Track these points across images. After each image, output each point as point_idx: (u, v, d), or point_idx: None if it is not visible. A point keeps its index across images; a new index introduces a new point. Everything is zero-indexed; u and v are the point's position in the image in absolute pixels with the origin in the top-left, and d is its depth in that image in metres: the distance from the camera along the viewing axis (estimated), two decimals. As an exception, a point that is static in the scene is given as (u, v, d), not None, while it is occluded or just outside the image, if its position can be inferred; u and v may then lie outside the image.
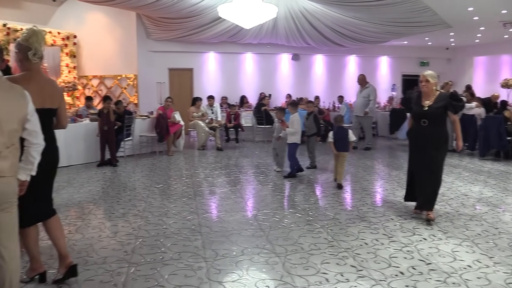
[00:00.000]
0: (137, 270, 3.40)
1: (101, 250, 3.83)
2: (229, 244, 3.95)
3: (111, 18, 12.17)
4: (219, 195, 5.90)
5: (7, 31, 10.51)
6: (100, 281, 3.22)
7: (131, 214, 4.93)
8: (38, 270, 3.18)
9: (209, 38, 12.30)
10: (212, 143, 10.83)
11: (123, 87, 12.27)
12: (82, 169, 7.83)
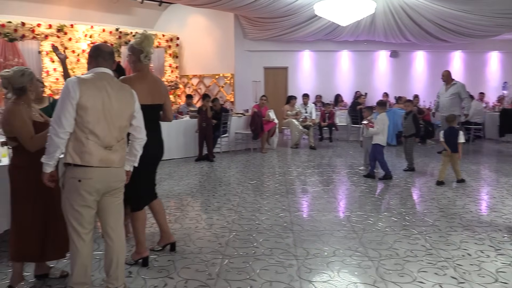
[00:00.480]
0: (230, 263, 3.51)
1: (197, 240, 4.03)
2: (321, 244, 3.92)
3: (210, 20, 12.71)
4: (311, 194, 5.87)
5: (119, 34, 11.50)
6: (196, 270, 3.39)
7: (226, 208, 5.11)
8: (142, 254, 3.45)
9: (304, 37, 12.28)
10: (305, 142, 10.81)
11: (220, 86, 12.75)
12: (182, 163, 8.30)
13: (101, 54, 2.76)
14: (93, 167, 2.58)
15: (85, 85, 2.56)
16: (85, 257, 2.72)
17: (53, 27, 10.37)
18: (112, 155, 2.67)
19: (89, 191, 2.60)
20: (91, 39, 10.94)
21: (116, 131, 2.69)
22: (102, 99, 2.61)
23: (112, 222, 2.81)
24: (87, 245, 2.72)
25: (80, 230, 2.66)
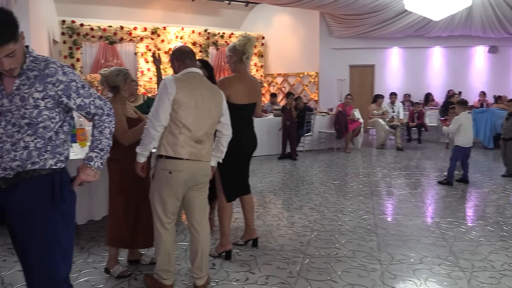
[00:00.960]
0: (311, 262, 3.49)
1: (279, 238, 4.06)
2: (407, 249, 3.74)
3: (295, 19, 12.71)
4: (397, 197, 5.63)
5: (207, 35, 11.95)
6: (277, 267, 3.41)
7: (308, 207, 5.09)
8: (226, 247, 3.56)
9: (393, 33, 11.80)
10: (391, 143, 10.40)
11: (304, 84, 12.71)
12: (265, 160, 8.41)
13: (187, 56, 2.91)
14: (184, 159, 2.73)
15: (180, 83, 2.74)
16: (168, 245, 2.88)
17: (148, 29, 11.06)
18: (201, 149, 2.81)
19: (178, 182, 2.75)
20: (181, 40, 11.50)
21: (207, 126, 2.84)
22: (195, 96, 2.76)
23: (197, 216, 2.95)
24: (170, 233, 2.89)
25: (164, 219, 2.84)
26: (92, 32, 10.37)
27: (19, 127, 1.87)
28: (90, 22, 10.39)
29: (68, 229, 2.01)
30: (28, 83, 1.88)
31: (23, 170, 1.88)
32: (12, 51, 1.78)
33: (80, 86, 1.97)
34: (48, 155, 1.93)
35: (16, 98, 1.87)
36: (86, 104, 1.99)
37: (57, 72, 1.90)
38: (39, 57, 1.94)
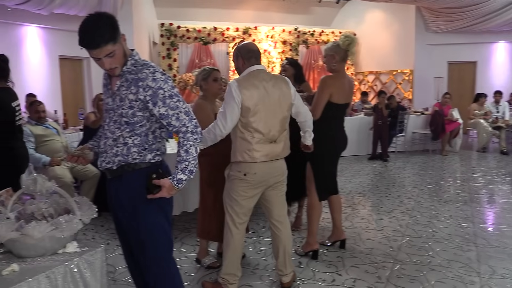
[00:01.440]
0: (402, 269, 3.33)
1: (367, 241, 3.94)
2: (511, 263, 3.42)
3: (389, 14, 12.20)
4: (501, 205, 5.17)
5: (298, 34, 11.94)
6: (365, 270, 3.31)
7: (399, 211, 4.86)
8: (312, 247, 3.54)
9: (498, 26, 10.80)
10: (495, 146, 9.55)
11: (398, 83, 12.17)
12: (354, 160, 8.21)
13: (253, 55, 2.88)
14: (258, 162, 2.74)
15: (244, 86, 2.73)
16: (236, 245, 2.88)
17: (240, 30, 11.35)
18: (276, 147, 2.81)
19: (253, 184, 2.77)
20: (272, 39, 11.63)
21: (279, 124, 2.81)
22: (261, 96, 2.74)
23: (277, 214, 2.96)
24: (240, 233, 2.89)
25: (236, 219, 2.86)
26: (188, 33, 10.88)
27: (119, 124, 2.01)
28: (186, 24, 10.92)
29: (167, 215, 2.12)
30: (126, 84, 1.99)
31: (125, 163, 2.00)
32: (111, 52, 1.90)
33: (167, 96, 1.95)
34: (146, 152, 2.03)
35: (117, 98, 2.01)
36: (169, 115, 1.95)
37: (147, 77, 1.93)
38: (139, 61, 2.02)
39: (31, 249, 1.56)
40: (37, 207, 1.68)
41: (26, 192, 1.71)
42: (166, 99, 1.94)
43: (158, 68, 2.01)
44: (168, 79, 1.99)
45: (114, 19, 1.94)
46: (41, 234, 1.54)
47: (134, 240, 2.07)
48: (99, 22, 1.90)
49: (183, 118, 1.96)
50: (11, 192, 1.92)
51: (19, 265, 1.53)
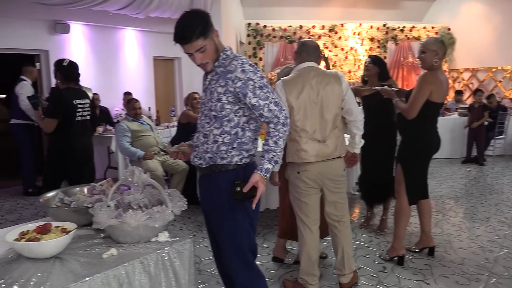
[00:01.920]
0: (499, 283, 3.08)
1: (459, 250, 3.69)
2: None
3: (488, 6, 11.28)
4: None
5: (386, 30, 11.50)
6: (456, 281, 3.11)
7: (496, 220, 4.49)
8: (398, 252, 3.40)
9: None
10: None
11: (497, 80, 11.22)
12: (446, 163, 7.73)
13: (305, 49, 2.83)
14: (310, 162, 2.71)
15: (289, 86, 2.70)
16: (310, 246, 2.85)
17: (326, 27, 11.21)
18: (326, 148, 2.73)
19: (306, 181, 2.75)
20: (359, 36, 11.33)
21: (328, 122, 2.73)
22: (308, 94, 2.69)
23: (334, 214, 2.89)
24: (313, 234, 2.86)
25: (304, 219, 2.84)
26: (274, 32, 10.99)
27: (209, 118, 2.05)
28: (272, 23, 11.04)
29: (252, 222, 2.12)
30: (215, 78, 2.02)
31: (213, 163, 2.04)
32: (201, 47, 1.95)
33: (257, 86, 1.94)
34: (234, 152, 2.02)
35: (207, 91, 2.07)
36: (261, 106, 1.94)
37: (236, 69, 1.94)
38: (230, 55, 2.04)
39: (127, 236, 1.68)
40: (134, 197, 1.80)
41: (124, 183, 1.85)
42: (256, 89, 1.94)
43: (247, 59, 2.01)
44: (257, 70, 1.99)
45: (206, 15, 1.99)
46: (137, 222, 1.65)
47: (220, 240, 2.12)
48: (190, 18, 1.96)
49: (274, 108, 1.95)
50: (111, 183, 2.09)
51: (117, 249, 1.65)
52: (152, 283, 1.64)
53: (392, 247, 3.45)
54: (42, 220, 1.92)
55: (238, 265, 2.08)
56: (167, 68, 9.50)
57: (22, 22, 6.77)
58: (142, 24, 8.14)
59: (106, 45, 7.96)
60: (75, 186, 2.16)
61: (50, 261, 1.55)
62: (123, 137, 4.98)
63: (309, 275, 2.87)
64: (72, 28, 7.36)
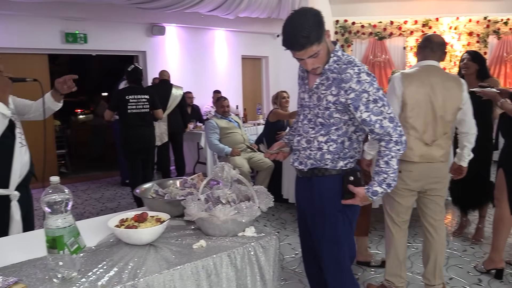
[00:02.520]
0: None
1: None
2: None
3: None
4: None
5: (487, 23, 10.64)
6: None
7: None
8: (497, 265, 3.14)
9: None
10: None
11: None
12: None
13: (429, 45, 2.67)
14: (414, 162, 2.58)
15: (408, 80, 2.56)
16: (398, 246, 2.76)
17: (419, 22, 10.66)
18: (433, 150, 2.59)
19: (407, 181, 2.63)
20: (455, 31, 10.62)
21: (440, 125, 2.58)
22: (426, 93, 2.55)
23: (431, 219, 2.75)
24: (401, 233, 2.76)
25: (395, 218, 2.77)
26: (363, 29, 10.70)
27: (314, 124, 1.95)
28: (361, 19, 10.76)
29: (352, 224, 2.07)
30: (326, 84, 1.89)
31: (316, 167, 1.98)
32: (315, 52, 1.81)
33: (372, 100, 1.79)
34: (340, 159, 1.94)
35: (314, 96, 1.94)
36: (372, 121, 1.81)
37: (351, 79, 1.80)
38: (342, 58, 1.90)
39: (216, 229, 1.75)
40: (223, 192, 1.86)
41: (214, 178, 1.92)
42: (369, 103, 1.79)
43: (364, 67, 1.86)
44: (374, 80, 1.83)
45: (320, 16, 1.82)
46: (226, 216, 1.71)
47: (317, 241, 2.08)
48: (304, 21, 1.77)
49: (387, 125, 1.81)
50: (201, 177, 2.18)
51: (206, 241, 1.72)
52: (238, 276, 1.68)
53: (489, 259, 3.19)
54: (139, 209, 2.06)
55: (335, 272, 2.04)
56: (255, 66, 9.69)
57: (124, 26, 7.33)
58: (231, 25, 8.39)
59: (198, 45, 8.34)
60: (169, 179, 2.29)
61: (146, 248, 1.66)
62: (212, 133, 5.18)
63: (396, 276, 2.79)
64: (167, 30, 7.81)
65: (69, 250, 1.39)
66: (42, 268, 1.50)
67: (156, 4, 6.45)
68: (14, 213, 2.17)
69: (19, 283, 1.36)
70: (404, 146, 1.85)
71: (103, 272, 1.47)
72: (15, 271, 1.48)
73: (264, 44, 9.37)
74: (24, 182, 2.24)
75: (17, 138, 2.19)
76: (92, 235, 1.77)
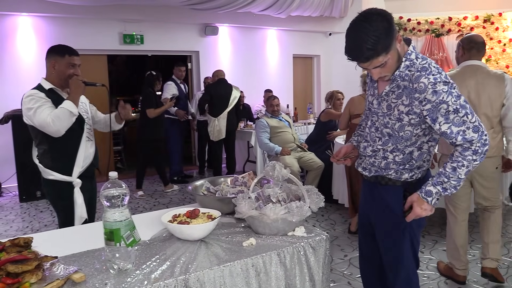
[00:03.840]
0: None
1: None
2: None
3: None
4: None
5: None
6: None
7: None
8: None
9: None
10: None
11: None
12: None
13: (475, 47, 2.77)
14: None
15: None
16: (455, 232, 2.93)
17: (480, 18, 10.14)
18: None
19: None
20: (521, 26, 10.01)
21: (485, 122, 2.66)
22: (465, 93, 2.65)
23: (483, 204, 2.92)
24: (458, 221, 2.92)
25: (451, 208, 2.94)
26: (419, 26, 10.33)
27: (380, 134, 1.84)
28: (417, 16, 10.39)
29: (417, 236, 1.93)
30: (397, 92, 1.75)
31: (379, 175, 1.90)
32: (381, 63, 1.66)
33: (452, 110, 1.62)
34: (405, 171, 1.84)
35: (383, 103, 1.81)
36: (453, 133, 1.65)
37: (426, 89, 1.63)
38: (416, 63, 1.71)
39: (266, 228, 1.75)
40: (273, 191, 1.86)
41: (265, 176, 1.92)
42: (449, 114, 1.63)
43: (441, 75, 1.66)
44: (452, 88, 1.64)
45: (390, 21, 1.63)
46: (276, 215, 1.70)
47: (381, 249, 2.01)
48: (370, 30, 1.59)
49: (471, 136, 1.64)
50: (252, 175, 2.19)
51: (256, 239, 1.72)
52: (287, 275, 1.68)
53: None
54: (191, 206, 2.10)
55: (399, 281, 1.94)
56: (306, 65, 9.63)
57: (178, 27, 7.53)
58: (283, 24, 8.38)
59: (249, 45, 8.40)
60: (220, 177, 2.32)
61: (197, 244, 1.69)
62: (262, 132, 5.20)
63: (456, 260, 2.96)
64: (220, 30, 7.92)
65: (125, 243, 1.44)
66: (100, 259, 1.57)
67: (210, 4, 6.56)
68: (76, 198, 2.53)
69: (79, 272, 1.42)
70: (482, 157, 1.67)
71: (156, 265, 1.51)
72: (75, 260, 1.56)
73: (316, 43, 9.27)
74: (86, 173, 2.60)
75: (85, 132, 2.57)
76: (146, 229, 1.83)
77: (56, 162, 2.48)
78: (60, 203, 2.55)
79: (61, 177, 2.48)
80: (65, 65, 2.46)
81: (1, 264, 1.32)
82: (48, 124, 2.32)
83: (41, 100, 2.37)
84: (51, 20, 6.56)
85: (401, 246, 1.90)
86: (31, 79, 6.40)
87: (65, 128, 2.37)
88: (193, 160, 8.29)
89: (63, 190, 2.50)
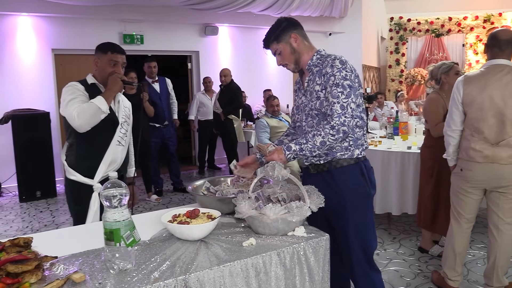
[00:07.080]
0: None
1: None
2: None
3: None
4: None
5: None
6: None
7: None
8: None
9: None
10: None
11: None
12: None
13: (496, 44, 2.53)
14: (477, 162, 2.56)
15: (468, 83, 2.54)
16: (455, 238, 2.80)
17: (480, 18, 10.15)
18: (499, 151, 2.51)
19: (469, 181, 2.63)
20: (521, 26, 10.01)
21: (506, 126, 2.48)
22: (489, 94, 2.47)
23: (497, 219, 2.67)
24: (461, 228, 2.78)
25: (456, 214, 2.81)
26: (419, 26, 10.35)
27: (311, 117, 2.05)
28: (417, 16, 10.40)
29: (372, 209, 2.13)
30: (312, 78, 2.06)
31: (332, 159, 2.02)
32: (275, 50, 2.12)
33: (335, 83, 1.92)
34: (353, 148, 2.02)
35: (307, 93, 2.09)
36: (329, 103, 1.93)
37: (327, 64, 1.97)
38: (324, 55, 2.07)
39: (266, 228, 1.75)
40: (273, 191, 1.86)
41: (265, 176, 1.92)
42: (333, 86, 1.92)
43: (342, 58, 1.98)
44: (346, 69, 1.94)
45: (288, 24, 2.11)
46: (276, 215, 1.70)
47: (341, 239, 2.09)
48: (272, 26, 2.12)
49: (336, 109, 1.89)
50: (252, 175, 2.19)
51: (256, 239, 1.72)
52: (286, 275, 1.68)
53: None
54: (191, 206, 2.10)
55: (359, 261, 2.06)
56: (305, 65, 9.63)
57: (178, 27, 7.53)
58: (283, 24, 8.38)
59: (249, 45, 8.40)
60: (220, 177, 2.32)
61: (197, 244, 1.69)
62: (262, 132, 5.20)
63: (450, 269, 2.85)
64: (220, 30, 7.93)
65: (125, 243, 1.44)
66: (100, 259, 1.57)
67: (210, 4, 6.56)
68: (92, 203, 2.39)
69: (79, 272, 1.42)
70: (340, 136, 1.88)
71: (156, 265, 1.51)
72: (75, 261, 1.56)
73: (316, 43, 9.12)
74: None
75: (116, 135, 2.45)
76: (146, 229, 1.82)
77: (81, 161, 2.40)
78: (75, 207, 2.48)
79: (83, 179, 2.38)
80: (106, 62, 2.41)
81: (1, 264, 1.32)
82: (73, 117, 2.24)
83: (77, 93, 2.32)
84: (51, 20, 6.56)
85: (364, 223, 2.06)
86: (31, 79, 6.41)
87: (89, 124, 2.28)
88: (193, 160, 8.29)
89: (81, 193, 2.40)
